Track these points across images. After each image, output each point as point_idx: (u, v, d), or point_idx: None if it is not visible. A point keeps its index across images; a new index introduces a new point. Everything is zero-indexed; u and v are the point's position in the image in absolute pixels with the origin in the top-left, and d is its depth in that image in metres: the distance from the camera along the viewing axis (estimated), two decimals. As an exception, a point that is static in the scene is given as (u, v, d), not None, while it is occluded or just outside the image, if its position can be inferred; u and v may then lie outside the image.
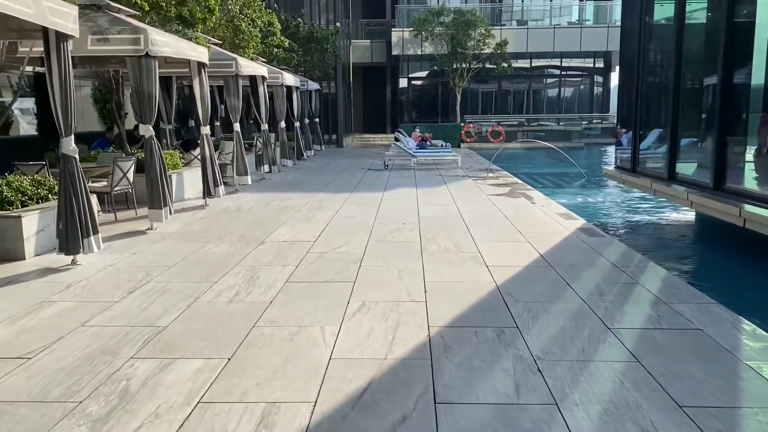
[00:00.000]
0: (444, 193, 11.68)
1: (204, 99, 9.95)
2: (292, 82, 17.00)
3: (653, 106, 8.84)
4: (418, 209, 9.65)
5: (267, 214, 9.40)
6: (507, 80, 32.17)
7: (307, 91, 20.53)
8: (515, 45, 27.89)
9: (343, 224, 8.45)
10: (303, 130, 19.89)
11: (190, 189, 11.20)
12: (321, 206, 10.08)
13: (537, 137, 28.14)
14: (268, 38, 18.09)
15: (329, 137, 26.41)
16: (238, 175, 11.98)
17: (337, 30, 24.44)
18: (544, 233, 7.70)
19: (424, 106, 32.95)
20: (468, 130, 27.20)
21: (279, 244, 7.23)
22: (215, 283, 5.58)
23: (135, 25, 7.78)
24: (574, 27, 30.17)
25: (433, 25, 27.05)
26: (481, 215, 9.05)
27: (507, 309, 4.75)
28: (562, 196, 12.67)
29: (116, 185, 8.91)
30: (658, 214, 11.14)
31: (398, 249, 6.86)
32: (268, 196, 11.27)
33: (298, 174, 15.43)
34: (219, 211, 9.71)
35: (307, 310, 4.79)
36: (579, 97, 33.59)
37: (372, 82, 33.35)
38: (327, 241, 7.35)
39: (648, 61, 8.97)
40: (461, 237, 7.47)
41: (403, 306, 4.85)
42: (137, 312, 4.80)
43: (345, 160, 19.46)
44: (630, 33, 9.53)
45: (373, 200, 10.69)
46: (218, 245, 7.17)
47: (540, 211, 9.44)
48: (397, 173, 15.39)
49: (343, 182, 13.55)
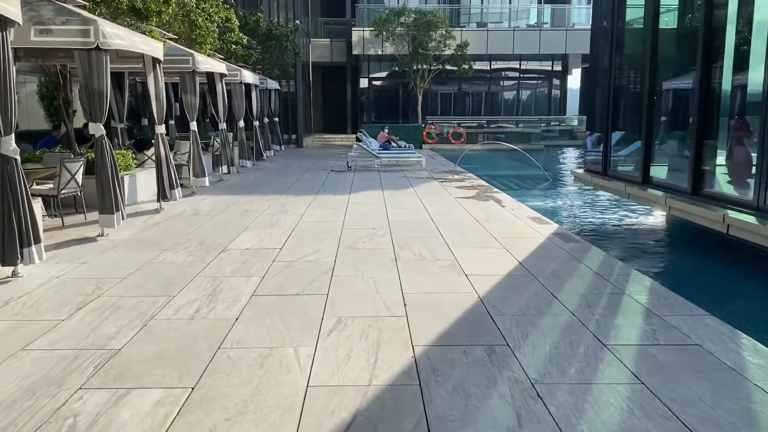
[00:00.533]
0: (411, 195, 11.36)
1: (159, 96, 9.37)
2: (251, 79, 16.43)
3: (626, 109, 8.73)
4: (387, 213, 9.30)
5: (227, 218, 8.90)
6: (467, 82, 32.15)
7: (267, 89, 19.95)
8: (475, 47, 27.88)
9: (310, 229, 8.03)
10: (262, 129, 19.31)
11: (144, 192, 10.58)
12: (285, 210, 9.62)
13: (497, 139, 28.17)
14: (226, 34, 17.46)
15: (289, 137, 25.84)
16: (194, 176, 11.40)
17: (297, 27, 23.90)
18: (519, 239, 7.44)
19: (384, 107, 32.65)
20: (430, 131, 27.01)
21: (242, 252, 6.77)
22: (173, 297, 5.10)
23: (84, 16, 7.19)
24: (533, 30, 30.36)
25: (394, 25, 26.77)
26: (452, 219, 8.76)
27: (494, 323, 4.43)
28: (529, 199, 12.52)
29: (63, 188, 8.27)
30: (628, 217, 11.07)
31: (371, 257, 6.49)
32: (227, 199, 10.74)
33: (258, 175, 14.89)
34: (175, 215, 9.16)
35: (278, 328, 4.37)
36: (537, 99, 33.85)
37: (332, 81, 32.89)
38: (294, 248, 6.93)
39: (620, 63, 8.85)
40: (435, 243, 7.15)
41: (382, 322, 4.48)
42: (87, 332, 4.29)
43: (306, 161, 18.97)
44: (601, 35, 9.42)
45: (339, 203, 10.29)
46: (176, 253, 6.66)
47: (511, 214, 9.21)
48: (361, 175, 15.01)
49: (306, 184, 13.10)
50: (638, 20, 8.74)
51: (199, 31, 14.61)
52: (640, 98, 8.39)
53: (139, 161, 11.59)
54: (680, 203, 7.39)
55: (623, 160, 8.90)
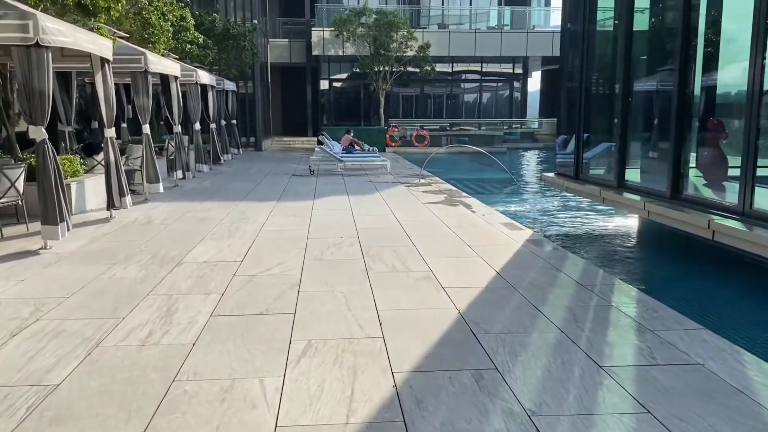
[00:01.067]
0: (378, 201, 10.97)
1: (108, 98, 8.77)
2: (208, 80, 15.80)
3: (598, 111, 8.52)
4: (355, 220, 8.89)
5: (183, 227, 8.34)
6: (429, 84, 31.96)
7: (224, 90, 19.30)
8: (437, 48, 27.68)
9: (273, 239, 7.55)
10: (219, 132, 18.65)
11: (92, 199, 9.91)
12: (244, 217, 9.11)
13: (460, 142, 28.04)
14: (181, 33, 16.78)
15: (247, 140, 25.14)
16: (148, 182, 10.78)
17: (255, 27, 23.27)
18: (494, 246, 7.13)
19: (346, 109, 32.19)
20: (392, 134, 26.69)
21: (199, 265, 6.26)
22: (123, 319, 4.58)
23: (22, 10, 6.57)
24: (494, 31, 30.36)
25: (354, 26, 26.36)
26: (422, 226, 8.40)
27: (478, 343, 4.07)
28: (499, 203, 12.30)
29: (2, 196, 7.60)
30: (601, 221, 10.90)
31: (340, 268, 6.07)
32: (182, 206, 10.15)
33: (215, 180, 14.28)
34: (126, 224, 8.55)
35: (241, 354, 3.92)
36: (498, 101, 33.90)
37: (291, 82, 32.29)
38: (256, 260, 6.45)
39: (591, 64, 8.65)
40: (407, 253, 6.77)
41: (357, 344, 4.07)
42: (20, 364, 3.76)
43: (266, 165, 18.39)
44: (572, 37, 9.22)
45: (302, 210, 9.82)
46: (126, 268, 6.11)
47: (482, 220, 8.90)
48: (325, 179, 14.55)
49: (267, 189, 12.58)
50: (610, 21, 8.57)
51: (152, 29, 13.95)
52: (613, 100, 8.20)
53: (88, 167, 10.89)
54: (660, 208, 7.19)
55: (596, 163, 8.69)
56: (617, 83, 8.18)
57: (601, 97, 8.64)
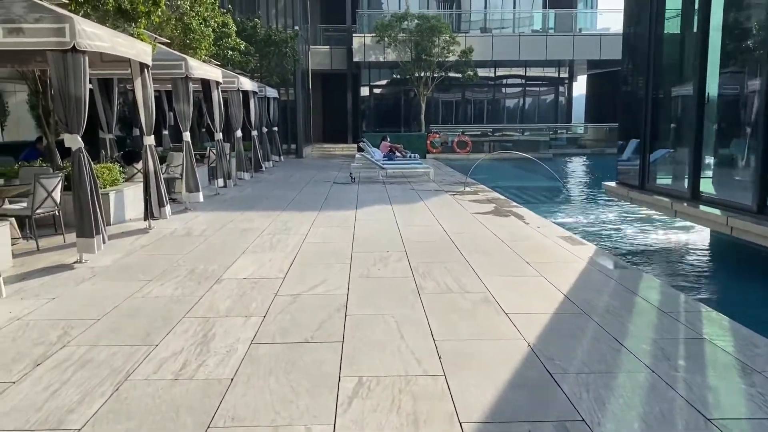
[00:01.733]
0: (423, 210, 10.45)
1: (147, 104, 8.48)
2: (250, 87, 15.56)
3: (668, 116, 7.84)
4: (400, 231, 8.39)
5: (223, 239, 7.98)
6: (470, 89, 31.31)
7: (265, 97, 19.08)
8: (480, 53, 26.99)
9: (316, 252, 7.11)
10: (261, 139, 18.43)
11: (132, 209, 9.67)
12: (286, 228, 8.70)
13: (503, 148, 27.33)
14: (223, 40, 16.61)
15: (288, 147, 24.95)
16: (187, 191, 10.49)
17: (296, 33, 23.06)
18: (555, 263, 6.53)
19: (386, 115, 31.76)
20: (434, 140, 26.14)
21: (239, 282, 5.84)
22: (155, 346, 4.18)
23: (58, 13, 6.30)
24: (539, 35, 29.54)
25: (396, 31, 25.92)
26: (473, 239, 7.85)
27: (557, 386, 3.51)
28: (551, 214, 11.64)
29: (38, 207, 7.36)
30: (669, 235, 10.12)
31: (388, 288, 5.57)
32: (223, 216, 9.82)
33: (256, 188, 13.98)
34: (165, 236, 8.24)
35: (284, 393, 3.45)
36: (542, 106, 33.01)
37: (332, 89, 32.04)
38: (299, 276, 6.00)
39: (660, 67, 7.94)
40: (461, 270, 6.23)
41: (415, 384, 3.56)
42: (40, 402, 3.37)
43: (307, 172, 18.07)
44: (636, 39, 8.53)
45: (345, 220, 9.38)
46: (162, 285, 5.74)
47: (538, 233, 8.30)
48: (366, 187, 14.11)
49: (309, 198, 12.19)
50: (681, 20, 7.88)
51: (194, 35, 13.75)
52: (685, 103, 7.52)
53: (128, 175, 10.68)
54: (746, 223, 6.44)
55: (665, 172, 7.98)
56: (690, 86, 7.47)
57: (671, 101, 7.94)
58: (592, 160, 26.51)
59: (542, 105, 33.03)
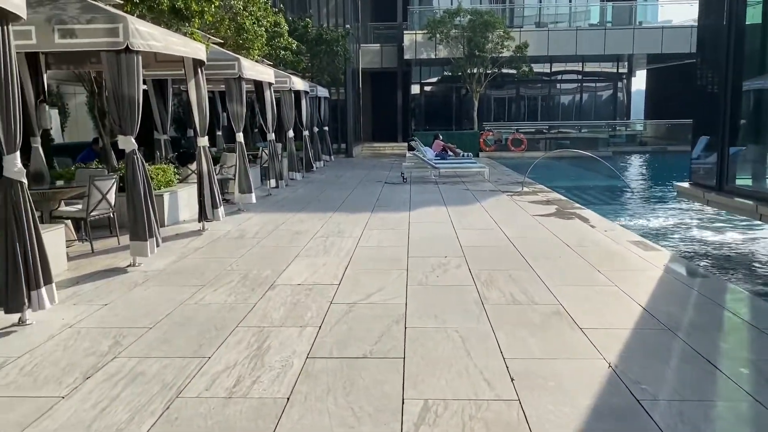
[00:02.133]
0: (479, 212, 10.07)
1: (201, 104, 8.39)
2: (301, 86, 15.45)
3: (753, 111, 7.22)
4: (457, 235, 8.04)
5: (275, 242, 7.80)
6: (524, 85, 30.56)
7: (316, 97, 18.98)
8: (534, 48, 26.24)
9: (370, 257, 6.84)
10: (312, 139, 18.34)
11: (186, 210, 9.62)
12: (339, 231, 8.47)
13: (560, 146, 26.56)
14: (275, 39, 16.55)
15: (338, 146, 24.85)
16: (240, 192, 10.39)
17: (347, 32, 22.91)
18: (629, 272, 6.07)
19: (437, 113, 31.31)
20: (487, 138, 25.59)
21: (293, 288, 5.62)
22: (208, 359, 3.97)
23: (112, 13, 6.22)
24: (597, 29, 28.54)
25: (448, 27, 25.47)
26: (537, 244, 7.44)
27: (648, 416, 3.12)
28: (617, 216, 11.06)
29: (93, 209, 7.34)
30: (747, 238, 9.42)
31: (449, 298, 5.25)
32: (275, 218, 9.67)
33: (307, 189, 13.84)
34: (218, 238, 8.12)
35: (344, 417, 3.18)
36: (599, 102, 31.93)
37: (381, 87, 31.83)
38: (354, 283, 5.74)
39: (741, 59, 7.31)
40: (526, 278, 5.85)
41: (487, 410, 3.23)
42: (89, 419, 3.19)
43: (357, 172, 17.88)
44: (713, 30, 7.93)
45: (398, 222, 9.09)
46: (215, 290, 5.57)
47: (606, 237, 7.81)
48: (418, 187, 13.79)
49: (360, 198, 11.96)
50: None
51: (247, 35, 13.70)
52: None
53: (182, 176, 10.68)
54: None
55: (748, 172, 7.36)
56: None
57: (757, 95, 7.31)
58: (654, 158, 25.44)
59: (600, 101, 31.98)
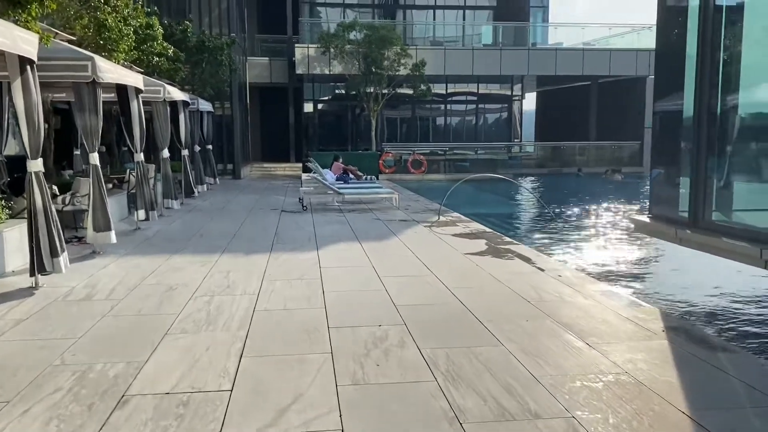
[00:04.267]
0: (400, 250, 8.37)
1: (32, 115, 6.11)
2: (180, 97, 13.12)
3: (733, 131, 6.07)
4: (384, 286, 6.26)
5: (138, 306, 5.62)
6: (421, 105, 29.59)
7: (198, 111, 16.61)
8: (432, 67, 25.20)
9: (276, 331, 4.89)
10: (193, 159, 15.93)
11: (17, 256, 7.17)
12: (228, 285, 6.42)
13: (459, 167, 25.72)
14: (147, 43, 14.10)
15: (224, 167, 22.35)
16: (95, 230, 8.00)
17: (233, 40, 20.68)
18: (626, 343, 4.57)
19: (332, 133, 29.50)
20: (386, 159, 24.17)
21: (157, 404, 3.56)
22: None
23: None
24: (493, 49, 28.08)
25: (342, 41, 23.87)
26: (487, 298, 5.82)
27: None
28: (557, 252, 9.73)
29: None
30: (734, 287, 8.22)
31: (407, 414, 3.43)
32: (142, 265, 7.41)
33: (187, 220, 11.54)
34: (55, 300, 5.80)
35: None
36: (494, 123, 31.62)
37: (272, 104, 29.68)
38: (254, 388, 3.78)
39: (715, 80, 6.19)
40: (501, 363, 4.16)
41: None
42: None
43: (248, 197, 15.68)
44: (673, 52, 6.80)
45: (306, 268, 7.18)
46: (24, 415, 3.40)
47: (565, 286, 6.34)
48: (322, 216, 11.92)
49: (254, 233, 9.89)
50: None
51: (109, 34, 11.27)
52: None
53: (15, 210, 8.16)
54: None
55: (739, 203, 6.16)
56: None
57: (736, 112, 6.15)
58: (554, 181, 25.08)
59: (494, 122, 31.66)
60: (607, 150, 27.84)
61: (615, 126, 28.76)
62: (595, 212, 16.87)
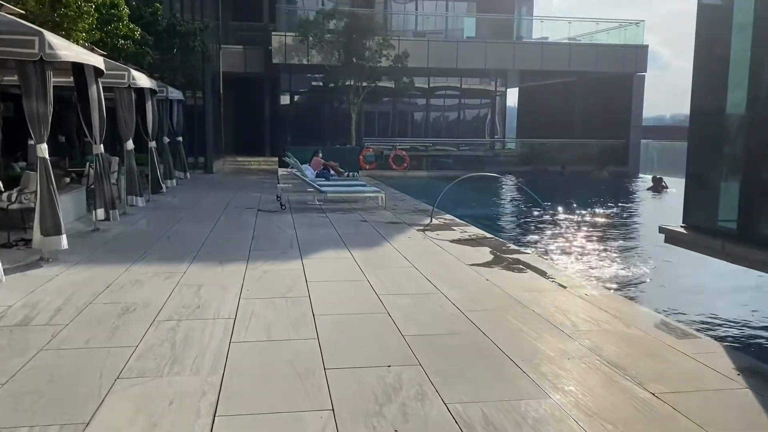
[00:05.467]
0: (397, 260, 7.39)
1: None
2: (147, 83, 11.90)
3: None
4: (386, 309, 5.27)
5: (85, 336, 4.54)
6: (402, 99, 28.56)
7: (167, 99, 15.35)
8: (415, 59, 24.17)
9: (258, 375, 3.87)
10: (161, 152, 14.70)
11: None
12: (199, 304, 5.37)
13: (442, 164, 24.82)
14: (111, 24, 12.85)
15: (195, 161, 21.05)
16: (43, 234, 6.85)
17: (206, 25, 19.41)
18: (695, 389, 3.67)
19: (311, 126, 28.32)
20: (367, 154, 23.13)
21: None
22: None
23: None
24: (477, 42, 27.16)
25: (322, 30, 22.72)
26: (511, 326, 4.87)
27: None
28: (565, 258, 8.85)
29: None
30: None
31: None
32: (95, 277, 6.30)
33: (153, 220, 10.40)
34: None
35: None
36: (476, 119, 30.76)
37: (246, 95, 28.34)
38: (235, 469, 2.76)
39: None
40: (555, 425, 3.21)
41: None
42: None
43: (221, 194, 14.52)
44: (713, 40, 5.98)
45: (291, 282, 6.15)
46: None
47: (600, 310, 5.43)
48: (303, 217, 10.87)
49: (228, 236, 8.82)
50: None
51: (66, 10, 10.06)
52: None
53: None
54: None
55: None
56: None
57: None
58: (543, 179, 24.29)
59: (477, 118, 30.81)
60: (593, 148, 27.16)
61: (600, 124, 28.12)
62: (594, 212, 16.11)
